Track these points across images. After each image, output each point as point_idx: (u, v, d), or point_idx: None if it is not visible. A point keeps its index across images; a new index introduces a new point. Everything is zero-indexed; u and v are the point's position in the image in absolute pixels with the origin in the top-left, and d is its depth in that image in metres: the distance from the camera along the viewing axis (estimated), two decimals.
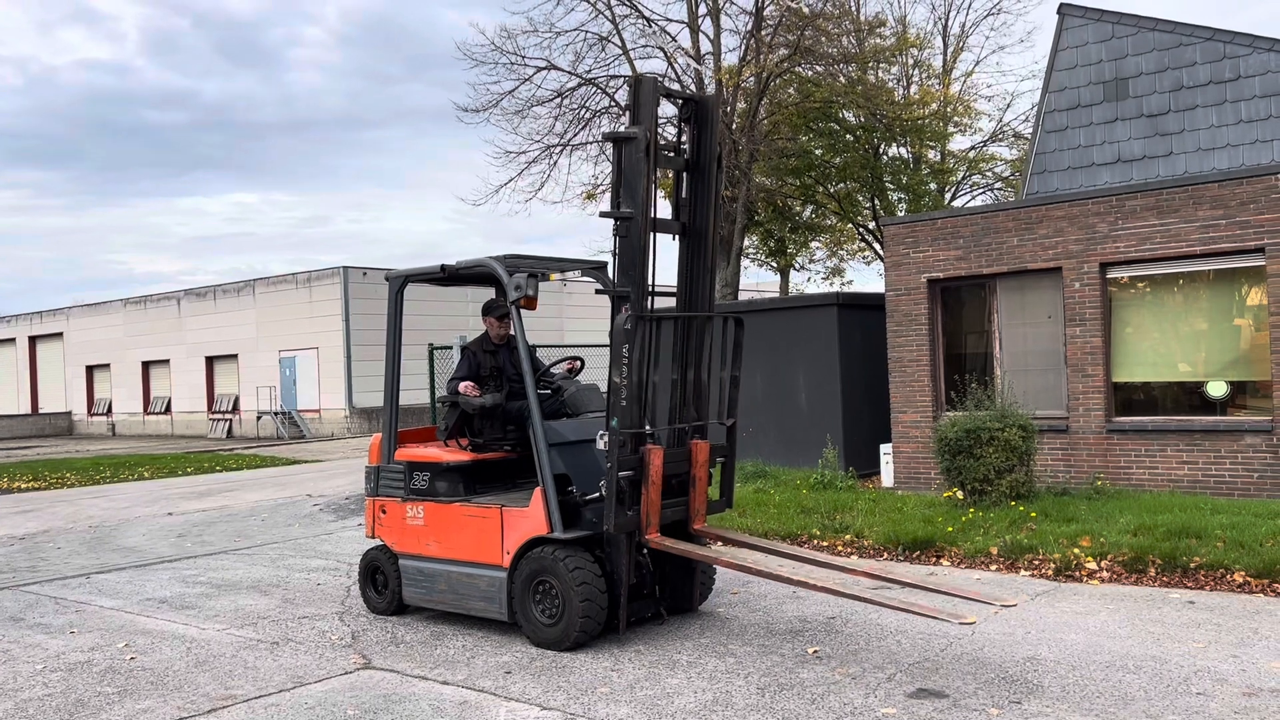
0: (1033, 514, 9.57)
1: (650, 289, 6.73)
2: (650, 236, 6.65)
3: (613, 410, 6.36)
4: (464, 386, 7.39)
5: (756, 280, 41.61)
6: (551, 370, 7.79)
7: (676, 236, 7.02)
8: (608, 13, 23.62)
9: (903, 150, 29.34)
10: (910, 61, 29.61)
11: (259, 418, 35.41)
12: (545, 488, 6.63)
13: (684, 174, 7.01)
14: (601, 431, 6.51)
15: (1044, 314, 11.96)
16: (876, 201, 28.58)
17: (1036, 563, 8.39)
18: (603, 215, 6.64)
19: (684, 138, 7.01)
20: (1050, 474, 11.50)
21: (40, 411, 45.45)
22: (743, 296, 28.75)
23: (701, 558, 6.70)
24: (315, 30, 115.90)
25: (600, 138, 23.42)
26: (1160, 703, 5.19)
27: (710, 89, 24.36)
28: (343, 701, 5.72)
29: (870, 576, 6.37)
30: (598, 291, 6.94)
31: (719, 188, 6.98)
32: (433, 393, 14.64)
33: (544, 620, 6.60)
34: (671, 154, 6.98)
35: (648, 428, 6.78)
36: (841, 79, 25.11)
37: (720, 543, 7.20)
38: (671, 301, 7.23)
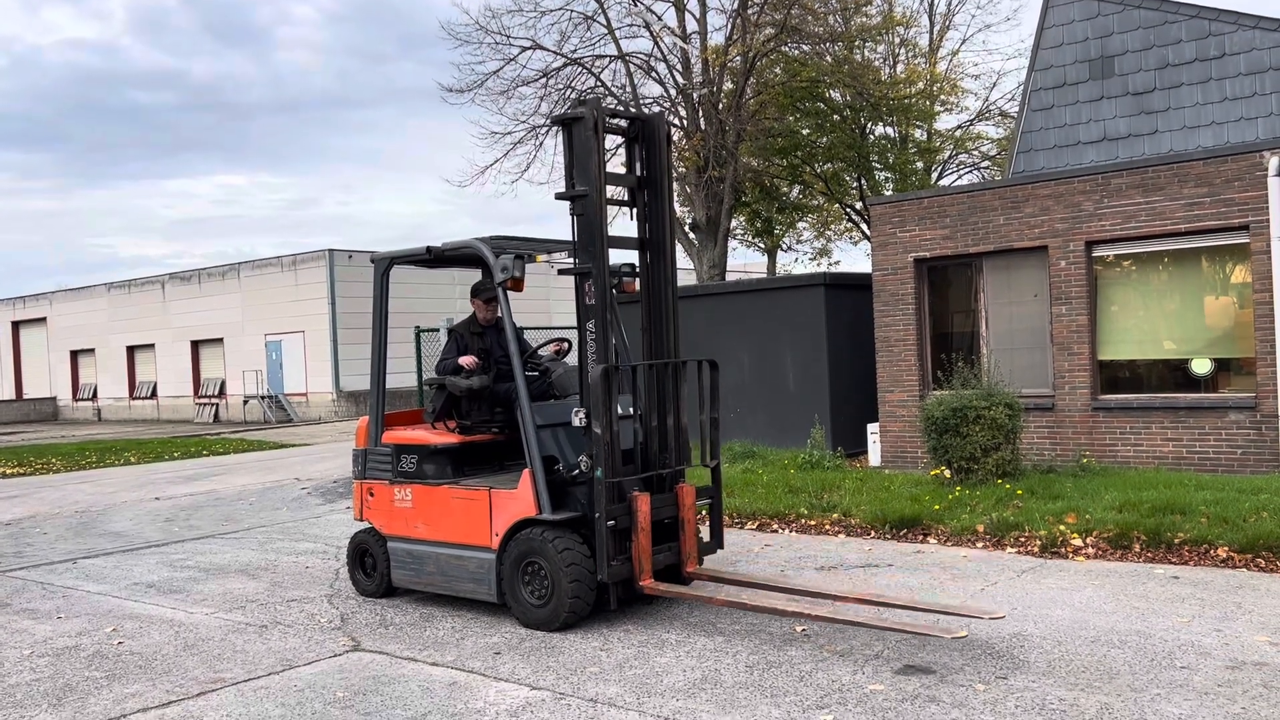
0: (1019, 491, 9.62)
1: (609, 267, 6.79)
2: (606, 211, 6.69)
3: (595, 460, 6.40)
4: (465, 360, 7.38)
5: (744, 261, 41.61)
6: (539, 352, 7.78)
7: (638, 255, 7.07)
8: None
9: (889, 129, 29.31)
10: (896, 40, 29.54)
11: (245, 402, 35.29)
12: (533, 469, 6.64)
13: (639, 192, 7.03)
14: (577, 408, 6.57)
15: (1030, 293, 12.00)
16: (863, 181, 28.56)
17: (1022, 540, 8.44)
18: (558, 197, 6.67)
19: (635, 156, 7.04)
20: (1036, 452, 11.56)
21: (24, 397, 45.18)
22: (730, 277, 28.73)
23: (695, 599, 6.70)
24: (305, 8, 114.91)
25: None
26: (1144, 677, 5.24)
27: (696, 68, 24.27)
28: (332, 684, 5.73)
29: (864, 603, 6.37)
30: (560, 272, 6.94)
31: (673, 203, 7.08)
32: (420, 375, 14.61)
33: (533, 601, 6.61)
34: (624, 171, 7.07)
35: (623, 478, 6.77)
36: (828, 58, 25.02)
37: (714, 584, 7.18)
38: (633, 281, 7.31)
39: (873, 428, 13.22)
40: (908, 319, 12.69)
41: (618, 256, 7.07)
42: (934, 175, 30.20)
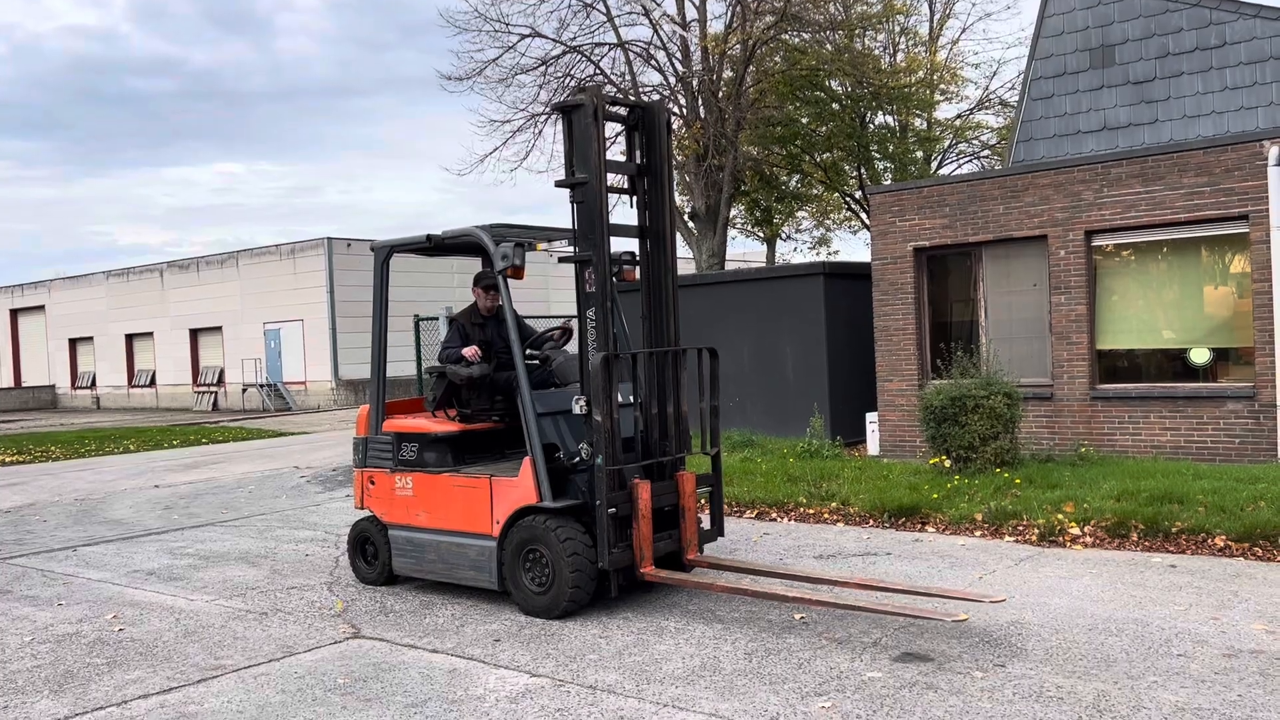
0: (1017, 480, 9.65)
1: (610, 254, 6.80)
2: (606, 199, 6.69)
3: (596, 448, 6.42)
4: (468, 352, 7.40)
5: (743, 250, 41.57)
6: (541, 339, 7.78)
7: (638, 243, 7.07)
8: None
9: (889, 119, 29.24)
10: (897, 28, 29.44)
11: (244, 390, 35.29)
12: (534, 457, 6.65)
13: (639, 180, 7.04)
14: (577, 396, 6.58)
15: (1029, 282, 12.00)
16: (863, 170, 28.51)
17: (1021, 528, 8.47)
18: (558, 184, 6.66)
19: (635, 143, 7.06)
20: (1035, 441, 11.58)
21: (23, 385, 45.17)
22: (729, 266, 28.71)
23: (695, 586, 6.73)
24: None
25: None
26: (1141, 664, 5.26)
27: (696, 56, 24.21)
28: (332, 670, 5.75)
29: (863, 588, 6.40)
30: (560, 260, 6.94)
31: (673, 190, 7.08)
32: (420, 364, 14.62)
33: (534, 589, 6.63)
34: (624, 159, 7.07)
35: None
36: (828, 46, 24.96)
37: (714, 571, 7.20)
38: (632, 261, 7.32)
39: (871, 417, 13.24)
40: (907, 308, 12.69)
41: (618, 244, 7.09)
42: (934, 164, 30.15)
